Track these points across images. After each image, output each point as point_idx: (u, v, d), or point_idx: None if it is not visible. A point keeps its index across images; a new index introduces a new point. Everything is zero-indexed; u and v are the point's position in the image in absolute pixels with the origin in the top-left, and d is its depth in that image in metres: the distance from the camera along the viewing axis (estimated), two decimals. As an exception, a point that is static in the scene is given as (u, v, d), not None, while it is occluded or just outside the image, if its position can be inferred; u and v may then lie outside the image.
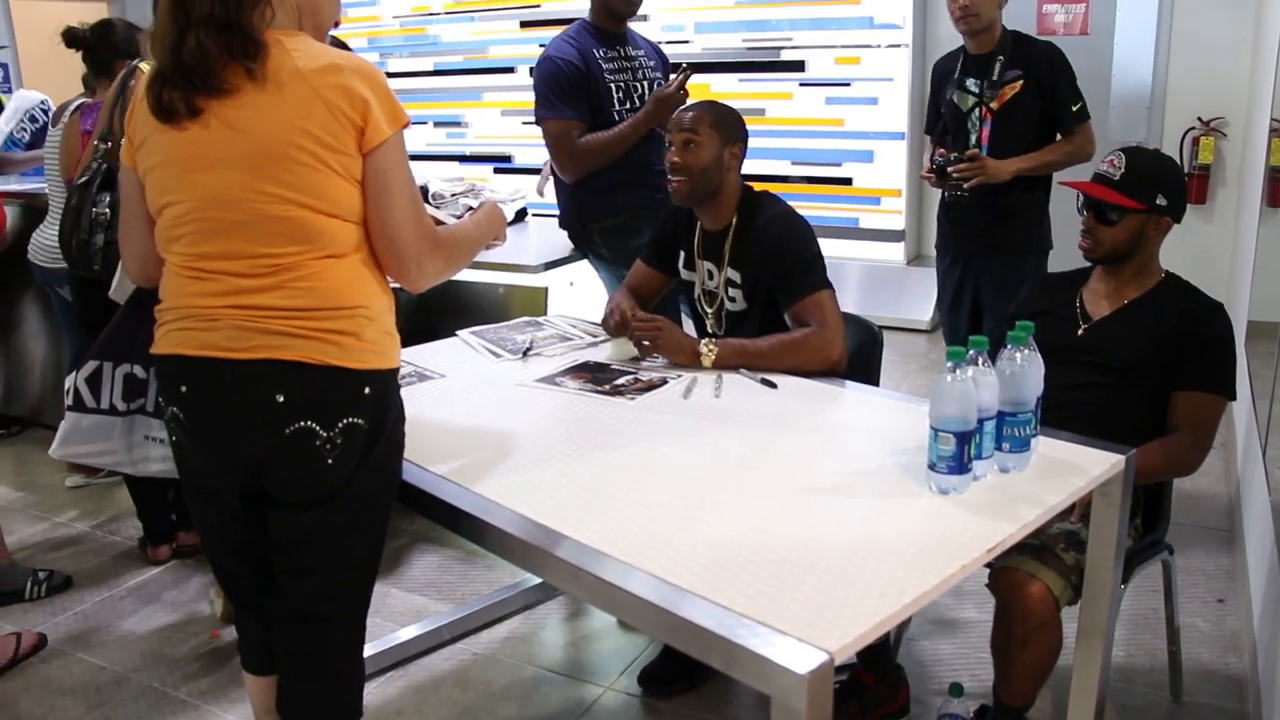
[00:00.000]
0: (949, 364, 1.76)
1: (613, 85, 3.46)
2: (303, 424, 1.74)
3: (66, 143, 3.64)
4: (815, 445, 2.08)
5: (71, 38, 3.54)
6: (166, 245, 1.82)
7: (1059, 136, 3.55)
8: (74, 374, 2.27)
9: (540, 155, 3.95)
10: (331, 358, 1.75)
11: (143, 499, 3.67)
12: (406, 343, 2.89)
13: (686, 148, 2.62)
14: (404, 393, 2.38)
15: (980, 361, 1.79)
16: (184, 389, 1.80)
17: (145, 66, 3.00)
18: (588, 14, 3.57)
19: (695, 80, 3.43)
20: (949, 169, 3.53)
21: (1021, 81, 3.48)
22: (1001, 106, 3.51)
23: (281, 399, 1.73)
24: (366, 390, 1.79)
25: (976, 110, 3.56)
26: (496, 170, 7.63)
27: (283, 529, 1.86)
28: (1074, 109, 3.51)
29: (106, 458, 2.33)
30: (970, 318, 3.69)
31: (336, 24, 1.98)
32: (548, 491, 1.87)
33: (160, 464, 2.31)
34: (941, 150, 3.64)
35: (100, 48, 3.53)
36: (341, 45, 4.20)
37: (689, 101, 2.77)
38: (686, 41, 6.90)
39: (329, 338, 1.75)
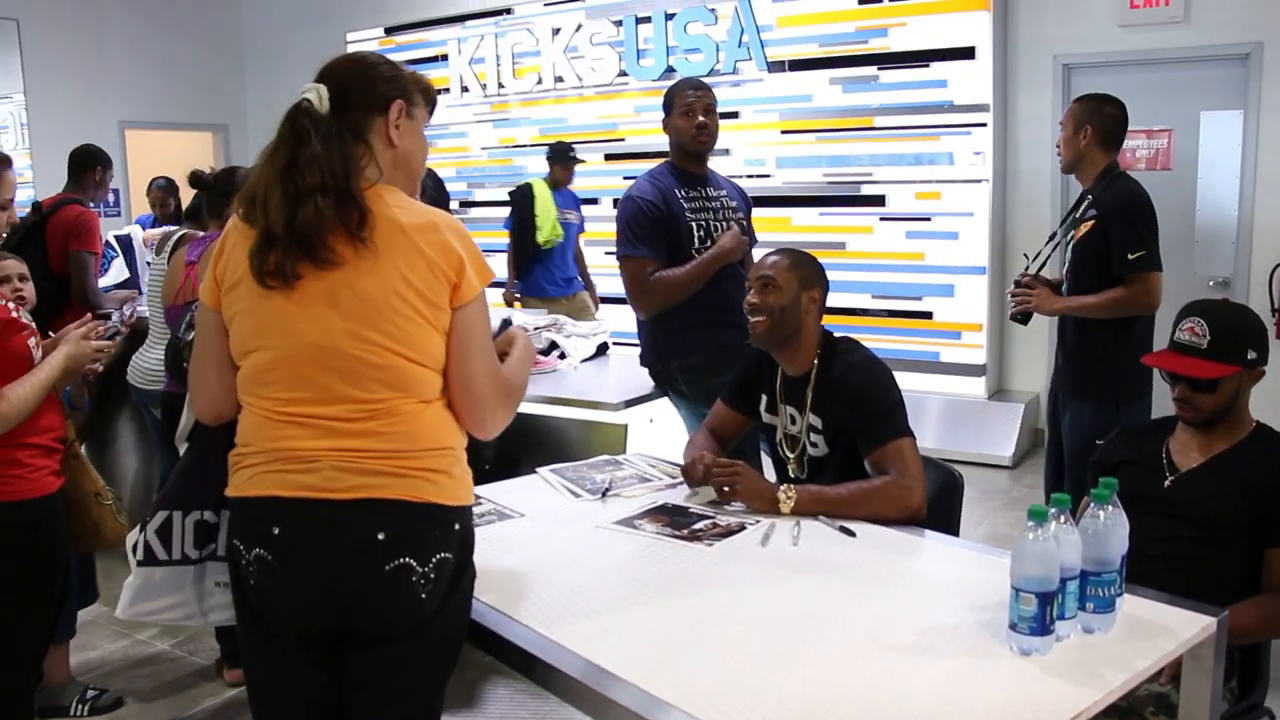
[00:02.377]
0: (1030, 523, 1.75)
1: (694, 225, 3.54)
2: (401, 560, 1.78)
3: (171, 272, 3.80)
4: (894, 599, 2.06)
5: (197, 180, 3.74)
6: (253, 389, 1.87)
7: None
8: (141, 528, 2.27)
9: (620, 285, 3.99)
10: (429, 495, 1.81)
11: (222, 621, 3.71)
12: (488, 476, 2.96)
13: (764, 289, 2.68)
14: (482, 532, 2.43)
15: (1062, 519, 1.77)
16: (276, 530, 1.81)
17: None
18: (669, 156, 3.68)
19: (776, 214, 3.51)
20: (1009, 290, 3.58)
21: (1094, 221, 3.50)
22: (1076, 243, 3.54)
23: (382, 536, 1.78)
24: (456, 526, 1.86)
25: (1069, 244, 3.61)
26: (578, 299, 7.76)
27: (366, 666, 1.87)
28: (1130, 257, 3.42)
29: (176, 611, 2.26)
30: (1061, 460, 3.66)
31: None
32: (621, 638, 1.87)
33: (228, 611, 2.25)
34: (1023, 273, 3.66)
35: (221, 190, 3.70)
36: (432, 175, 4.39)
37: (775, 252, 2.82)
38: (768, 176, 7.03)
39: (425, 475, 1.82)
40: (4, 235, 2.78)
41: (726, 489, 2.56)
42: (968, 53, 6.35)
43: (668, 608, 2.01)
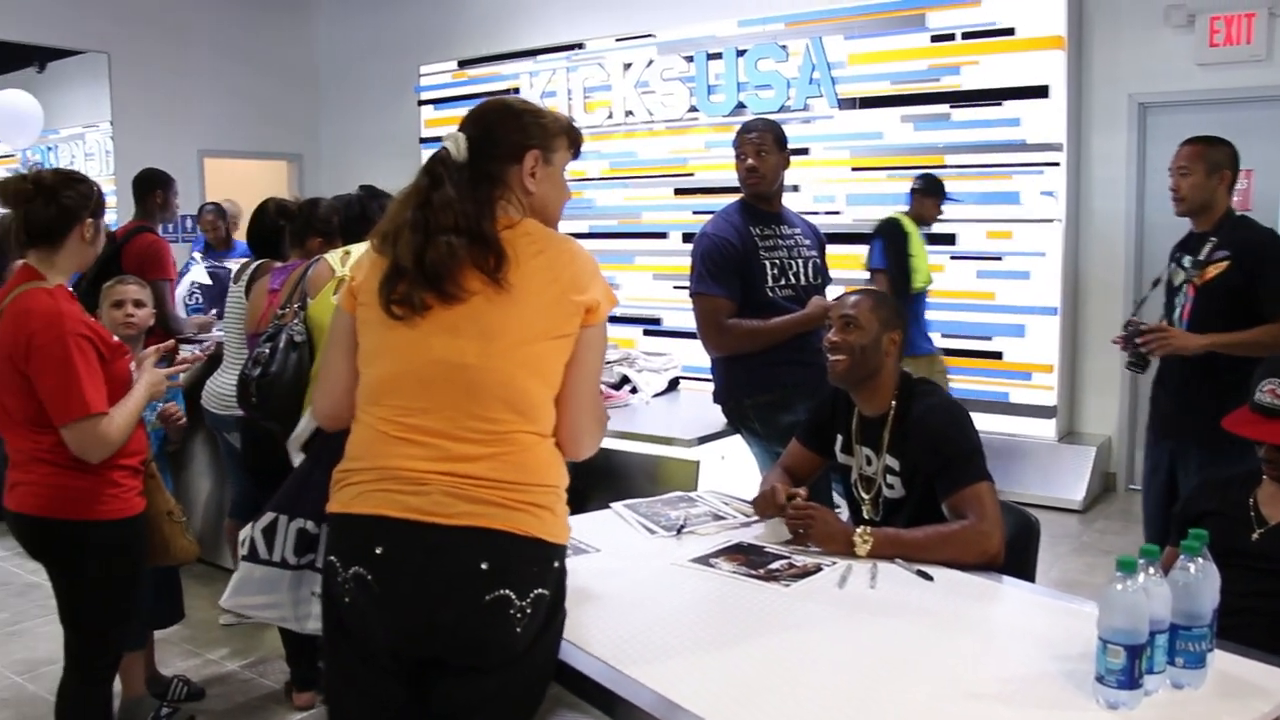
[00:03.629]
0: (1118, 573, 1.73)
1: (767, 263, 3.55)
2: (501, 591, 1.79)
3: (254, 300, 3.87)
4: (974, 645, 2.04)
5: (280, 209, 3.82)
6: (372, 401, 1.90)
7: None
8: (252, 525, 2.33)
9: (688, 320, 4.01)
10: (534, 529, 1.83)
11: (293, 644, 3.76)
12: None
13: (846, 328, 2.68)
14: (559, 566, 2.44)
15: (1151, 571, 1.74)
16: (379, 550, 1.81)
17: (331, 257, 3.21)
18: (744, 194, 3.70)
19: (846, 251, 3.52)
20: (1136, 338, 3.47)
21: (1228, 263, 3.42)
22: (1205, 284, 3.45)
23: (485, 566, 1.79)
24: (555, 564, 1.88)
25: (1184, 287, 3.53)
26: (646, 332, 7.79)
27: (454, 696, 1.88)
28: None
29: (273, 611, 2.37)
30: (1166, 503, 3.54)
31: None
32: (699, 677, 1.87)
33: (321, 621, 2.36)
34: (1134, 318, 3.58)
35: (304, 220, 3.78)
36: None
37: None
38: (838, 213, 7.03)
39: (532, 510, 1.84)
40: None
41: (801, 531, 2.55)
42: (1041, 91, 6.32)
43: (745, 648, 2.01)
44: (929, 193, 6.02)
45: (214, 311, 5.88)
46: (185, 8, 9.62)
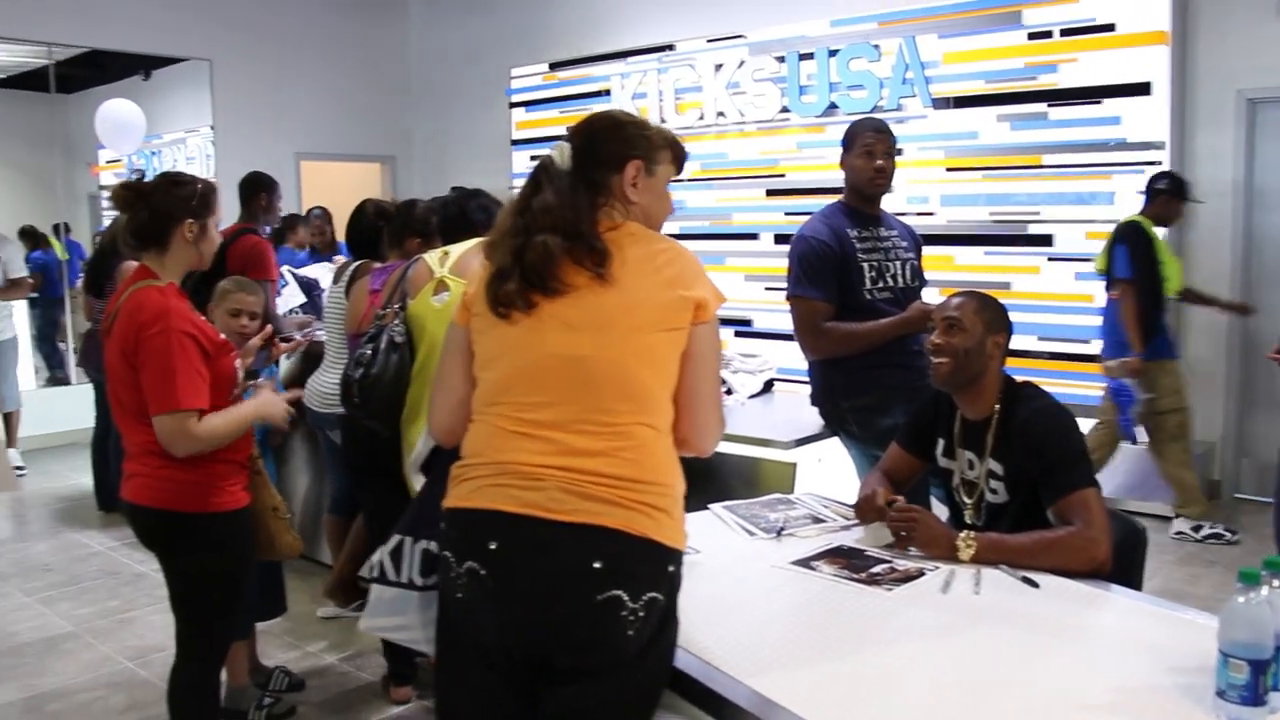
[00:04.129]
0: (1240, 585, 1.69)
1: (865, 265, 3.53)
2: (613, 592, 1.79)
3: (354, 300, 3.95)
4: (1084, 655, 2.00)
5: (379, 211, 3.89)
6: (490, 401, 1.94)
7: None
8: (381, 548, 2.35)
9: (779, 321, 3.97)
10: (649, 530, 1.83)
11: (392, 639, 3.84)
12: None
13: (949, 330, 2.65)
14: (660, 567, 2.45)
15: (1276, 583, 1.70)
16: (493, 545, 1.83)
17: (430, 258, 3.26)
18: (843, 195, 3.67)
19: (940, 252, 3.47)
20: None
21: None
22: None
23: (598, 565, 1.79)
24: (670, 568, 1.88)
25: None
26: (738, 334, 7.78)
27: (566, 701, 1.87)
28: None
29: (405, 633, 2.37)
30: None
31: None
32: (803, 681, 1.87)
33: None
34: None
35: (402, 222, 3.85)
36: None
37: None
38: (931, 214, 6.94)
39: (647, 511, 1.84)
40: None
41: (903, 535, 2.53)
42: (1143, 88, 6.17)
43: (848, 652, 2.00)
44: (1175, 193, 5.62)
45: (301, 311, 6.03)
46: (284, 15, 9.85)
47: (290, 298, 5.82)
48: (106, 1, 8.85)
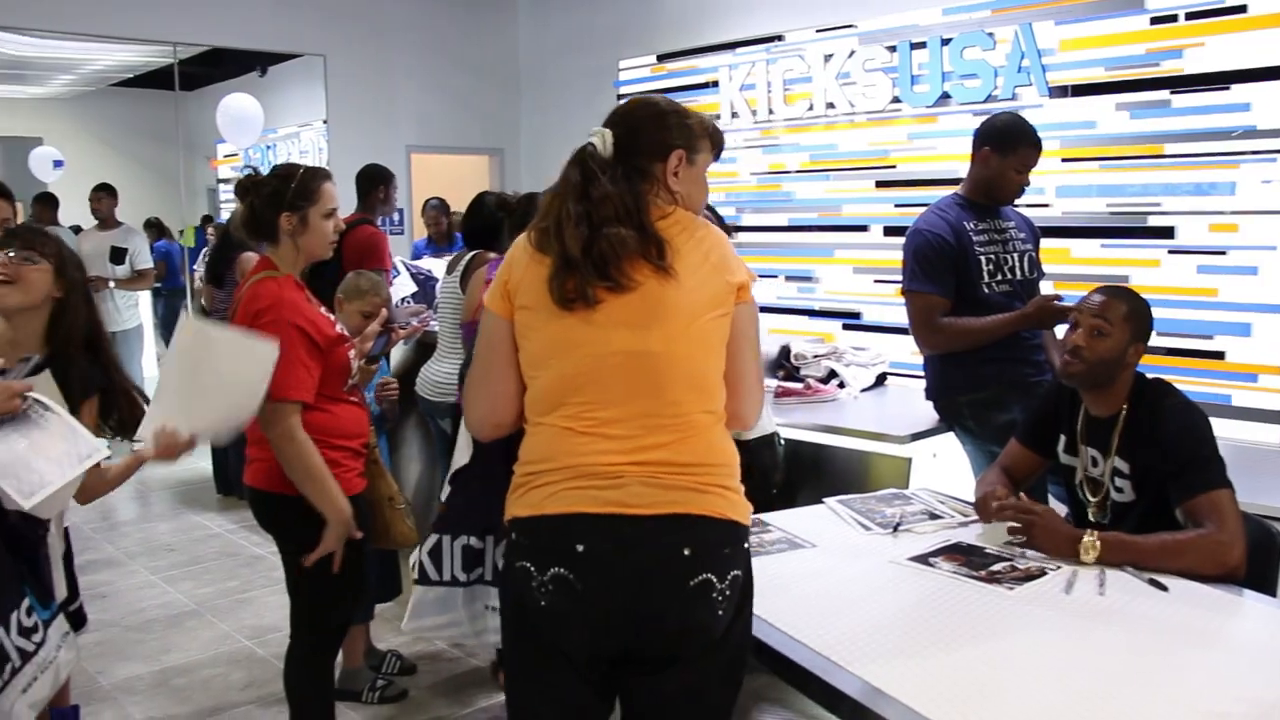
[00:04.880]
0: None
1: (983, 258, 3.46)
2: (704, 576, 1.83)
3: (471, 290, 4.00)
4: (1215, 663, 1.95)
5: (500, 203, 3.94)
6: (552, 405, 1.91)
7: None
8: (418, 549, 2.38)
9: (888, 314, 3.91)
10: (725, 511, 1.88)
11: (504, 625, 3.88)
12: (771, 504, 2.98)
13: (1093, 335, 2.56)
14: (774, 560, 2.46)
15: None
16: (580, 548, 1.83)
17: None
18: (960, 187, 3.60)
19: (1055, 245, 3.38)
20: None
21: None
22: None
23: (688, 552, 1.82)
24: (745, 544, 1.93)
25: None
26: (845, 326, 7.67)
27: (658, 687, 1.90)
28: None
29: (453, 630, 2.41)
30: None
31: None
32: (924, 678, 1.86)
33: (498, 634, 2.30)
34: None
35: (523, 213, 3.88)
36: (709, 207, 4.46)
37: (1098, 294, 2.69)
38: (1046, 205, 6.76)
39: (720, 492, 1.89)
40: (336, 239, 2.97)
41: (1024, 532, 2.48)
42: (1275, 72, 5.93)
43: (969, 650, 1.97)
44: None
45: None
46: (395, 11, 10.01)
47: (401, 287, 5.92)
48: (227, 1, 9.10)
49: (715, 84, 8.66)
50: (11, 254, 2.51)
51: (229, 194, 11.14)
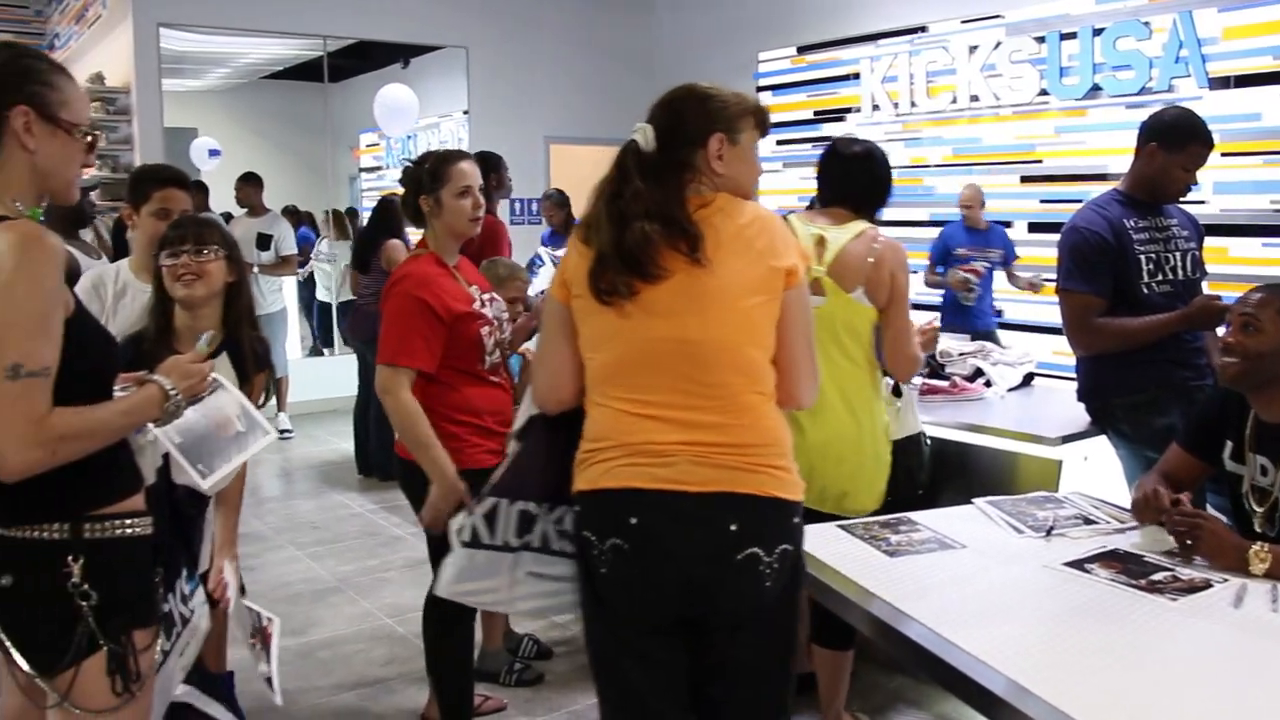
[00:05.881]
0: None
1: (1143, 257, 3.33)
2: (751, 550, 1.95)
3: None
4: (1404, 685, 1.84)
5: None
6: (606, 388, 2.04)
7: None
8: (469, 514, 2.37)
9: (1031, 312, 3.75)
10: (773, 489, 1.98)
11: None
12: (916, 503, 2.93)
13: (1245, 330, 2.47)
14: (926, 560, 2.42)
15: None
16: (634, 520, 1.96)
17: (804, 236, 3.21)
18: (1120, 183, 3.48)
19: (1213, 243, 3.24)
20: None
21: None
22: None
23: (734, 528, 1.95)
24: (795, 519, 2.04)
25: None
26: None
27: (717, 651, 2.04)
28: None
29: (489, 595, 2.39)
30: None
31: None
32: (1088, 689, 1.79)
33: (535, 601, 2.34)
34: None
35: None
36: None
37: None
38: (1203, 202, 6.51)
39: (769, 471, 1.99)
40: (477, 216, 3.11)
41: (1188, 542, 2.38)
42: None
43: (1129, 661, 1.90)
44: None
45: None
46: (537, 4, 10.16)
47: (546, 278, 5.98)
48: (375, -5, 9.36)
49: (856, 76, 8.57)
50: (190, 251, 2.63)
51: (371, 182, 11.48)
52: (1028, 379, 3.96)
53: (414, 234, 4.73)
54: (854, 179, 3.14)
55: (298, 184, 10.42)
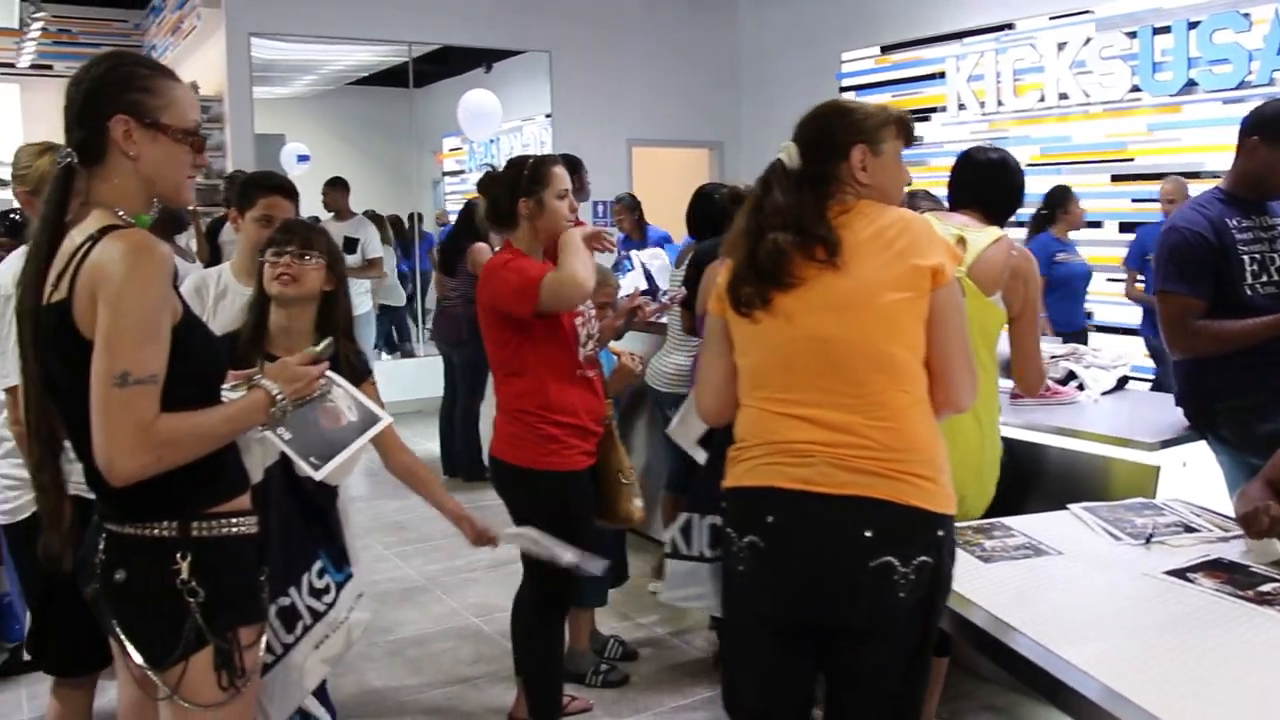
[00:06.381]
0: None
1: (1246, 257, 3.23)
2: (885, 559, 1.93)
3: (707, 283, 4.03)
4: None
5: (734, 197, 3.97)
6: (751, 390, 2.09)
7: None
8: (671, 526, 2.49)
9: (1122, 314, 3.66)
10: (914, 499, 1.95)
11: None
12: (1008, 508, 2.88)
13: None
14: (1021, 565, 2.38)
15: None
16: (770, 519, 1.99)
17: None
18: (1222, 181, 3.39)
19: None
20: None
21: None
22: None
23: (869, 534, 1.93)
24: (940, 532, 1.99)
25: None
26: (1074, 326, 7.40)
27: (845, 659, 2.04)
28: None
29: (700, 601, 2.54)
30: None
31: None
32: (1195, 702, 1.74)
33: None
34: None
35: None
36: (928, 195, 4.35)
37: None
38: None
39: (912, 480, 1.96)
40: (571, 219, 3.16)
41: (1299, 551, 2.32)
42: None
43: (1245, 678, 1.83)
44: None
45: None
46: (620, 7, 10.20)
47: (633, 281, 6.01)
48: (460, 2, 9.46)
49: (941, 75, 8.47)
50: (294, 254, 2.69)
51: (454, 186, 11.61)
52: (1122, 382, 3.88)
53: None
54: (988, 185, 3.16)
55: (382, 188, 10.58)
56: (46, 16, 10.62)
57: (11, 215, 4.01)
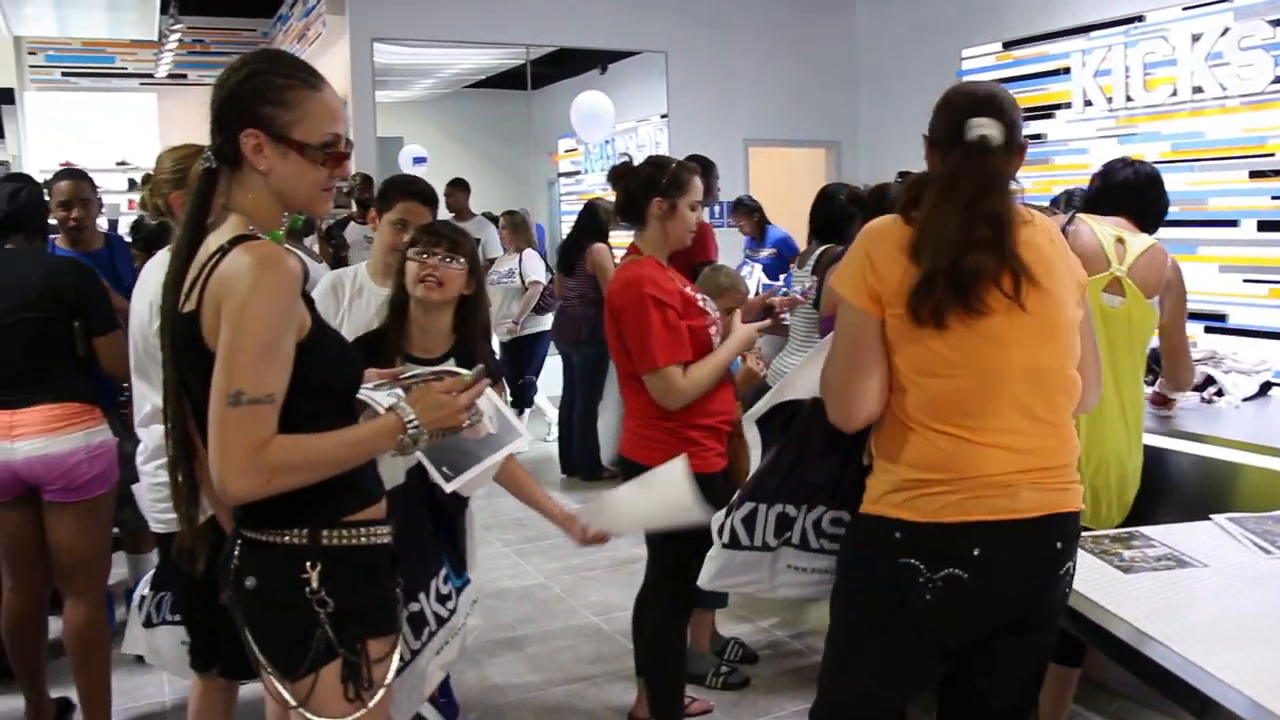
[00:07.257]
0: None
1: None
2: (1069, 563, 2.05)
3: (829, 285, 4.00)
4: None
5: (853, 197, 3.93)
6: (943, 416, 1.98)
7: None
8: (730, 515, 2.41)
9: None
10: (1078, 502, 2.07)
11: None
12: (1146, 518, 2.80)
13: None
14: (1165, 577, 2.32)
15: None
16: (977, 552, 1.97)
17: (1104, 238, 3.12)
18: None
19: None
20: None
21: None
22: None
23: (1060, 545, 2.02)
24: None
25: None
26: (1207, 329, 7.13)
27: (1005, 650, 2.08)
28: None
29: (751, 586, 2.50)
30: None
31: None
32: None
33: (794, 590, 2.48)
34: None
35: (874, 207, 3.85)
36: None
37: None
38: None
39: (1074, 487, 2.06)
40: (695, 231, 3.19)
41: None
42: None
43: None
44: None
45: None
46: (736, 7, 10.18)
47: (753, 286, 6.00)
48: (576, 4, 9.54)
49: (1066, 71, 8.23)
50: (441, 256, 2.74)
51: (569, 187, 11.72)
52: (1264, 388, 3.73)
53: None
54: (1140, 195, 3.24)
55: (497, 189, 10.74)
56: (183, 28, 11.00)
57: (144, 224, 4.12)
